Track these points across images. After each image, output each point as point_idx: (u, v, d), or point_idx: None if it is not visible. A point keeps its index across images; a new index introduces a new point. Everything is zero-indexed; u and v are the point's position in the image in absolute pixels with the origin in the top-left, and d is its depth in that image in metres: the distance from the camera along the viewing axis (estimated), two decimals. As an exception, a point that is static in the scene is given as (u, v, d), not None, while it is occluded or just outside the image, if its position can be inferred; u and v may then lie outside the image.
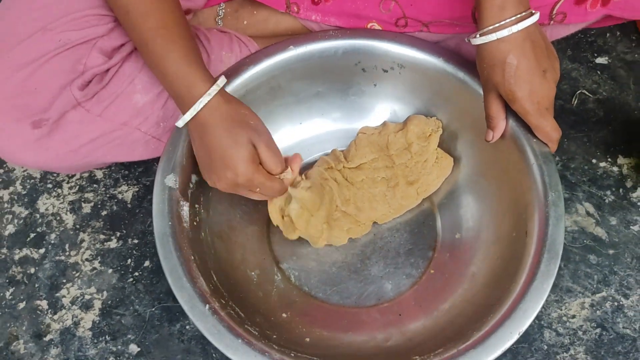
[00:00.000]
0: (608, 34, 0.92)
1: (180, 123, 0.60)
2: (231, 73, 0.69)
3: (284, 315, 0.67)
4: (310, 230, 0.68)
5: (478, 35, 0.58)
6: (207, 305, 0.56)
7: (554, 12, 0.67)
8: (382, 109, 0.79)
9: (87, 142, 0.65)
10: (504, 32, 0.56)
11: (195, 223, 0.64)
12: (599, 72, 0.89)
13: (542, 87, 0.59)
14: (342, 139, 0.79)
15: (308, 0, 0.74)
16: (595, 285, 0.73)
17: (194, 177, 0.66)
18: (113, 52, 0.65)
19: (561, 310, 0.72)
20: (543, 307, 0.71)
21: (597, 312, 0.72)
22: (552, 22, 0.68)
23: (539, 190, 0.63)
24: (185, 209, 0.63)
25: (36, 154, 0.64)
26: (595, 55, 0.91)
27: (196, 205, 0.66)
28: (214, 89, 0.58)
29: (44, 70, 0.61)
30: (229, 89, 0.68)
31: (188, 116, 0.58)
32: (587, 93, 0.87)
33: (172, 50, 0.57)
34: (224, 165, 0.58)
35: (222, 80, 0.59)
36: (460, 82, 0.70)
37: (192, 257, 0.60)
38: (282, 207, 0.68)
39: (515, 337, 0.56)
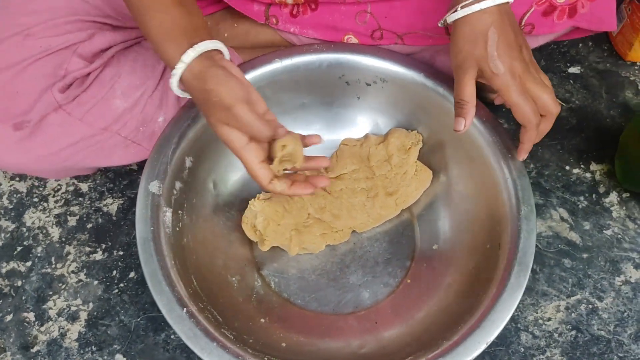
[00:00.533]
0: (580, 44, 0.95)
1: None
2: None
3: (263, 320, 0.68)
4: (278, 237, 0.71)
5: (459, 8, 0.57)
6: (185, 309, 0.58)
7: (523, 23, 0.69)
8: (365, 121, 0.81)
9: (67, 145, 0.66)
10: (488, 2, 0.56)
11: (177, 229, 0.66)
12: (571, 82, 0.91)
13: (521, 63, 0.58)
14: (325, 149, 0.80)
15: (287, 13, 0.76)
16: (570, 289, 0.75)
17: (177, 184, 0.67)
18: (94, 58, 0.67)
19: (537, 313, 0.74)
20: (520, 310, 0.73)
21: (572, 314, 0.74)
22: (521, 33, 0.70)
23: (512, 204, 0.65)
24: (168, 215, 0.65)
25: (17, 155, 0.65)
26: (568, 65, 0.93)
27: (179, 212, 0.67)
28: (180, 67, 0.54)
29: (25, 75, 0.62)
30: None
31: (176, 91, 0.57)
32: (560, 102, 0.89)
33: (152, 27, 0.55)
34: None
35: (188, 56, 0.54)
36: (440, 97, 0.72)
37: (173, 262, 0.62)
38: (253, 223, 0.71)
39: (483, 347, 0.58)
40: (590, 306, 0.74)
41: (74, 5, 0.65)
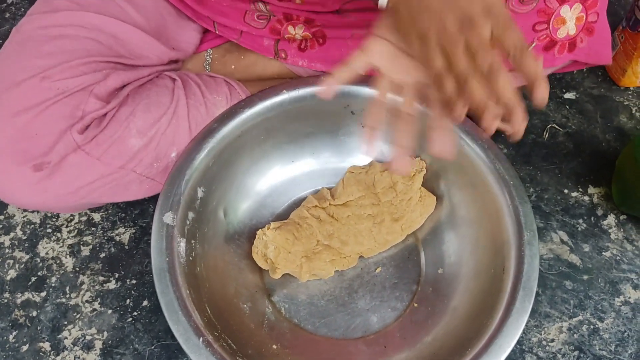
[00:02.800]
0: (575, 71, 0.98)
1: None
2: (228, 115, 0.73)
3: (274, 346, 0.70)
4: (289, 265, 0.73)
5: None
6: (201, 338, 0.60)
7: None
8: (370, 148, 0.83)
9: (85, 184, 0.68)
10: None
11: (191, 258, 0.68)
12: (567, 107, 0.94)
13: None
14: (332, 176, 0.83)
15: (295, 47, 0.78)
16: (571, 310, 0.77)
17: (190, 214, 0.69)
18: (109, 97, 0.68)
19: (541, 334, 0.76)
20: (524, 332, 0.75)
21: (575, 335, 0.76)
22: (522, 66, 0.73)
23: (515, 230, 0.67)
24: (182, 245, 0.66)
25: (36, 195, 0.66)
26: (564, 90, 0.96)
27: (192, 241, 0.69)
28: None
29: (44, 117, 0.64)
30: (225, 131, 0.72)
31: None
32: (557, 127, 0.92)
33: None
34: None
35: None
36: (442, 126, 0.75)
37: (188, 292, 0.63)
38: (264, 252, 0.73)
39: None
40: (592, 327, 0.76)
41: (89, 46, 0.67)
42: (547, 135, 0.91)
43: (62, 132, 0.65)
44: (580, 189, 0.87)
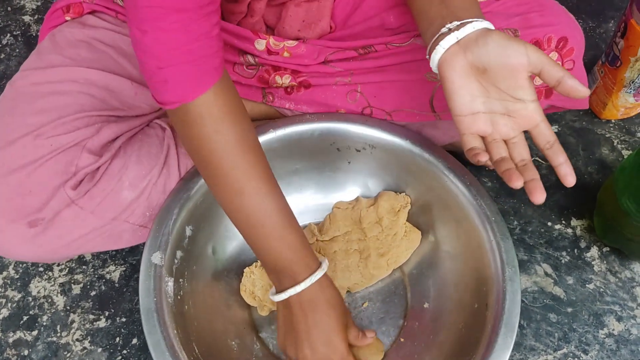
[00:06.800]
0: (556, 105, 1.00)
1: (280, 297, 0.64)
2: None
3: (262, 384, 0.71)
4: None
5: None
6: None
7: None
8: (356, 184, 0.85)
9: (78, 237, 0.68)
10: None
11: (179, 297, 0.69)
12: (550, 140, 0.96)
13: None
14: (319, 212, 0.85)
15: (282, 90, 0.80)
16: (556, 343, 0.78)
17: (178, 253, 0.70)
18: (102, 150, 0.68)
19: (526, 368, 0.77)
20: (509, 365, 0.76)
21: (560, 368, 0.77)
22: (501, 112, 0.75)
23: (497, 266, 0.68)
24: (170, 284, 0.68)
25: (31, 249, 0.67)
26: (546, 124, 0.98)
27: (181, 280, 0.70)
28: (321, 270, 0.64)
29: (38, 174, 0.64)
30: None
31: (298, 288, 0.63)
32: (540, 160, 0.94)
33: (290, 233, 0.63)
34: (324, 342, 0.63)
35: (325, 264, 0.66)
36: (426, 162, 0.77)
37: (176, 331, 0.65)
38: (252, 290, 0.74)
39: None
40: (577, 359, 0.77)
41: (82, 101, 0.68)
42: (530, 169, 0.93)
43: (56, 188, 0.65)
44: (563, 222, 0.88)
